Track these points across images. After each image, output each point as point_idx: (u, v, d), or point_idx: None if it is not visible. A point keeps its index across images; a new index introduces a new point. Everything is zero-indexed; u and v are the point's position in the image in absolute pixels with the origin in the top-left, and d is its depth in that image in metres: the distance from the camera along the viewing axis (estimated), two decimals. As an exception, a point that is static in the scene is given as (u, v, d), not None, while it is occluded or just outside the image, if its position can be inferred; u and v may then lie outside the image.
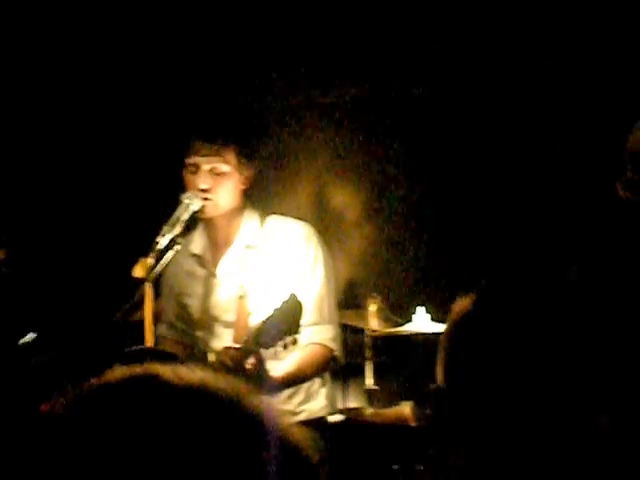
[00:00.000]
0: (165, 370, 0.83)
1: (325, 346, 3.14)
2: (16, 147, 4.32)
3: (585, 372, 1.16)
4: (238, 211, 3.17)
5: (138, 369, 0.83)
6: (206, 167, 3.05)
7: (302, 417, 3.17)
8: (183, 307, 3.25)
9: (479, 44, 4.30)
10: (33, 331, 3.41)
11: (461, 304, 1.27)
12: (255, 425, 0.80)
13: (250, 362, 2.89)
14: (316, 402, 3.22)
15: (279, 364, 3.03)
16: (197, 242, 3.23)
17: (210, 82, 4.42)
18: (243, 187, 3.15)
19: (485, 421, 1.19)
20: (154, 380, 0.81)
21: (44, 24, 4.37)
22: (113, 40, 4.43)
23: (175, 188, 3.15)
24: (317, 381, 3.24)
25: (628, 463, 1.15)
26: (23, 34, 4.34)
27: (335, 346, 3.16)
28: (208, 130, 3.08)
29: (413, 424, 3.47)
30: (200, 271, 3.23)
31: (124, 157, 4.48)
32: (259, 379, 2.88)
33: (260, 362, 2.90)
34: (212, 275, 3.21)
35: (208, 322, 3.19)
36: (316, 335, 3.10)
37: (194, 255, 3.23)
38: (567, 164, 4.19)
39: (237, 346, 2.95)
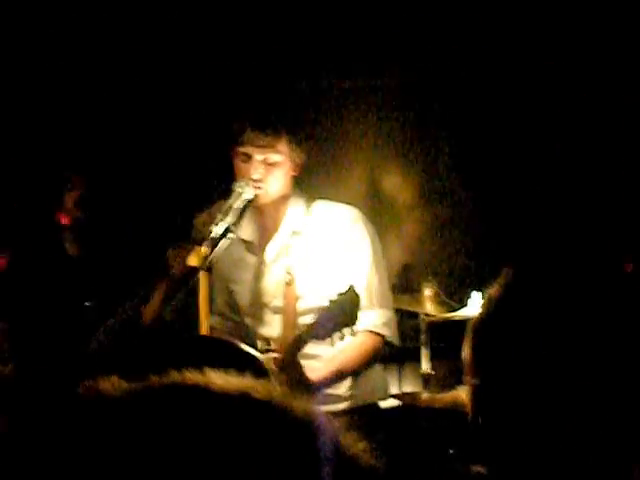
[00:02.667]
0: (215, 378, 0.83)
1: (376, 333, 3.09)
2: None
3: (617, 366, 1.14)
4: (285, 197, 3.17)
5: (190, 376, 0.83)
6: (259, 157, 3.06)
7: (352, 403, 3.14)
8: (231, 294, 3.27)
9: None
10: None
11: (493, 291, 1.25)
12: (307, 432, 0.80)
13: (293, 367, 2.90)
14: (366, 386, 3.17)
15: (329, 353, 3.02)
16: (246, 229, 3.23)
17: (259, 69, 4.43)
18: (293, 174, 3.15)
19: (514, 412, 1.17)
20: (204, 389, 0.82)
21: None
22: (163, 29, 4.47)
23: (224, 177, 3.18)
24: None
25: None
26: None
27: (387, 331, 3.10)
28: (262, 121, 3.07)
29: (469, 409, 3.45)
30: (249, 257, 3.24)
31: (172, 147, 4.53)
32: (299, 384, 2.86)
33: (298, 369, 2.90)
34: (261, 261, 3.22)
35: (256, 309, 3.20)
36: (366, 321, 3.03)
37: (243, 241, 3.24)
38: (619, 155, 4.13)
39: (276, 356, 2.96)
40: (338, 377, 3.06)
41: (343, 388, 3.13)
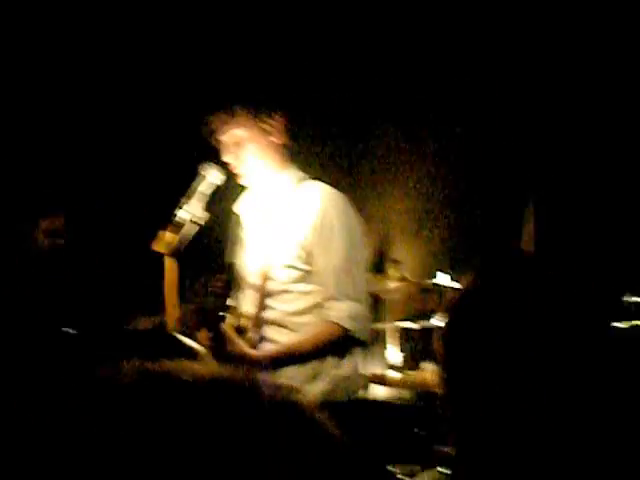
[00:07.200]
0: (173, 366, 0.84)
1: (337, 324, 2.91)
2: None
3: (584, 361, 1.15)
4: (279, 169, 3.05)
5: (150, 367, 0.84)
6: (224, 138, 2.99)
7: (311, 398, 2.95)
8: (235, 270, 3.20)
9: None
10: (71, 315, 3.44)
11: (464, 283, 1.26)
12: (266, 404, 0.82)
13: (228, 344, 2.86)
14: (319, 384, 2.96)
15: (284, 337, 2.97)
16: (242, 203, 3.17)
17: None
18: (277, 143, 3.03)
19: (479, 410, 1.19)
20: (167, 378, 0.82)
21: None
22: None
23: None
24: (329, 363, 2.97)
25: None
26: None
27: (351, 325, 2.91)
28: (215, 103, 3.02)
29: (436, 389, 3.48)
30: (241, 231, 3.17)
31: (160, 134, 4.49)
32: (237, 360, 2.82)
33: (234, 347, 2.87)
34: (244, 235, 3.14)
35: (243, 284, 3.11)
36: (330, 312, 2.93)
37: (235, 214, 3.18)
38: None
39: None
40: (286, 358, 2.93)
41: (299, 380, 2.91)
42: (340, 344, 2.96)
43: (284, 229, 3.00)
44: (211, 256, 3.31)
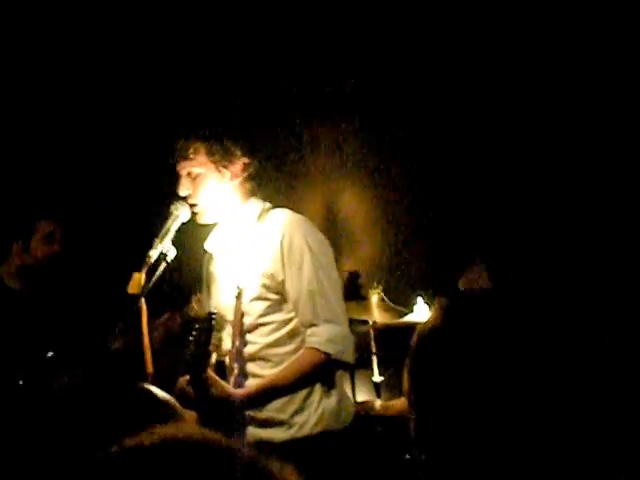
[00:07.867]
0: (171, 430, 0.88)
1: (317, 350, 2.86)
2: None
3: (554, 393, 1.15)
4: (240, 206, 3.02)
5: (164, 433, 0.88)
6: (183, 172, 2.96)
7: (293, 431, 2.90)
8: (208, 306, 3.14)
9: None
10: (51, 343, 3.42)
11: (429, 318, 1.26)
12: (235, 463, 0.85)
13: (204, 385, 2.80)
14: (309, 415, 2.92)
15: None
16: (209, 239, 3.13)
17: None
18: (235, 181, 2.98)
19: (446, 437, 1.19)
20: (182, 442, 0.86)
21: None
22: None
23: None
24: (317, 392, 2.93)
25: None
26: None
27: (332, 348, 2.85)
28: (176, 133, 2.99)
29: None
30: (212, 268, 3.13)
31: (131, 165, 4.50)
32: (217, 401, 2.79)
33: (213, 387, 2.80)
34: (216, 272, 3.10)
35: (221, 321, 3.03)
36: (310, 338, 2.88)
37: (206, 251, 3.13)
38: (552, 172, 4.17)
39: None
40: (270, 394, 2.90)
41: (288, 413, 2.92)
42: (325, 370, 2.91)
43: (250, 261, 2.96)
44: (181, 293, 3.31)
